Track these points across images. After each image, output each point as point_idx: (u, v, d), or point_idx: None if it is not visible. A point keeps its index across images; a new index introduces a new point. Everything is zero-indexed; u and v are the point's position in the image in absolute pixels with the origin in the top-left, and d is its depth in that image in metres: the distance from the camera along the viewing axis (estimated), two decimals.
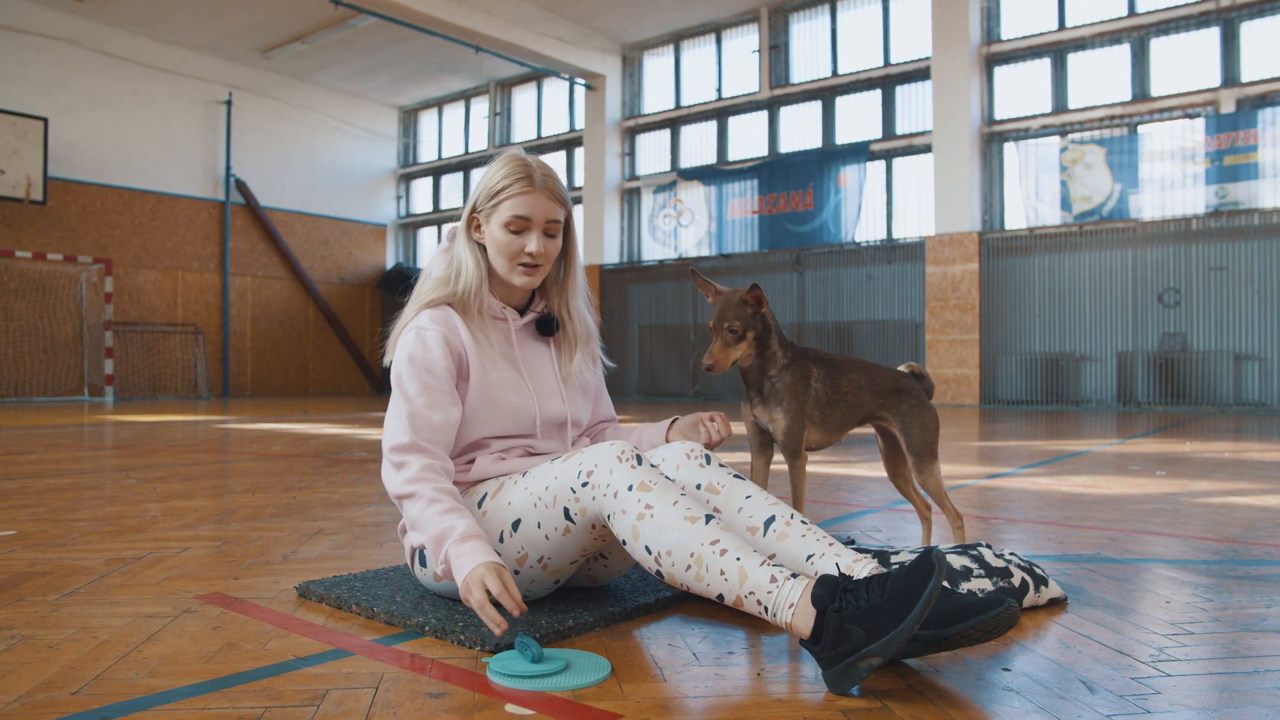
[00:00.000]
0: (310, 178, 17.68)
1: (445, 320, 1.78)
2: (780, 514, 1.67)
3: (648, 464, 1.60)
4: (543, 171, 1.80)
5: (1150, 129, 11.28)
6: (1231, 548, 2.46)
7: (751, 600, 1.42)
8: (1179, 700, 1.32)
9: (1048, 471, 4.38)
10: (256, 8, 13.92)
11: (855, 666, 1.32)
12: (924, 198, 12.88)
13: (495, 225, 1.79)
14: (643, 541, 1.52)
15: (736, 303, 2.07)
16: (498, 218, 1.78)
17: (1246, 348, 10.58)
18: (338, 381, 18.12)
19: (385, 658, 1.51)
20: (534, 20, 14.09)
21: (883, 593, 1.33)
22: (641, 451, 1.74)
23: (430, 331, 1.75)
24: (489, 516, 1.70)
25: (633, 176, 15.94)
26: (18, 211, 13.71)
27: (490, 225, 1.80)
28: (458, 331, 1.78)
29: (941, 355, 12.11)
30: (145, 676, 1.41)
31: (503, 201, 1.77)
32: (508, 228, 1.78)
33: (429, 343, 1.74)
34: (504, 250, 1.79)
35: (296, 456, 5.07)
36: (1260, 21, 10.78)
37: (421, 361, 1.73)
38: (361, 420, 8.80)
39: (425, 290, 1.84)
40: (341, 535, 2.63)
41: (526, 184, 1.77)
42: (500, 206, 1.78)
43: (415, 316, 1.80)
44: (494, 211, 1.79)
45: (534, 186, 1.77)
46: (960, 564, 1.79)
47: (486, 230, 1.81)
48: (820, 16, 13.83)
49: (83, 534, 2.63)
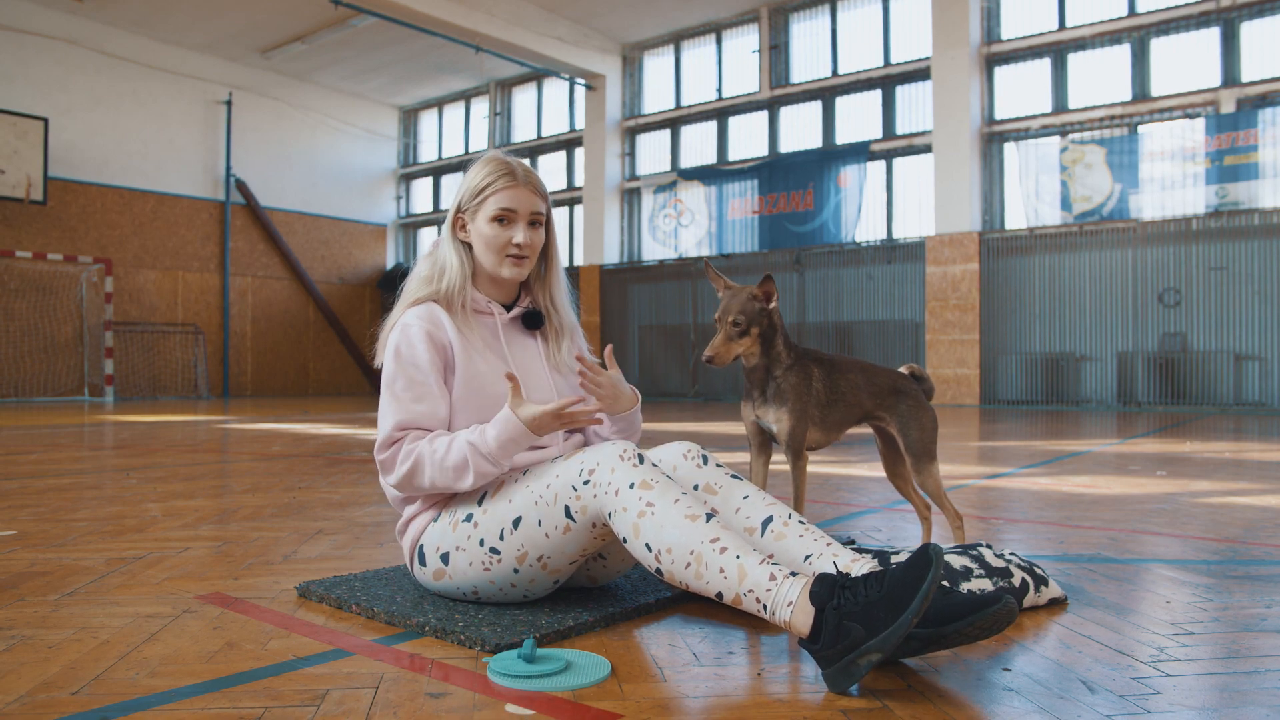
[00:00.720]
0: (310, 178, 17.68)
1: (430, 316, 1.82)
2: (778, 514, 1.67)
3: (649, 463, 1.61)
4: (523, 168, 1.88)
5: (1150, 129, 11.28)
6: (1232, 548, 2.46)
7: (750, 598, 1.42)
8: (1179, 700, 1.32)
9: (1048, 471, 4.38)
10: (256, 8, 13.92)
11: (855, 664, 1.32)
12: (924, 198, 12.88)
13: (482, 220, 1.85)
14: (643, 539, 1.52)
15: (746, 297, 2.08)
16: (484, 213, 1.84)
17: (1247, 348, 10.58)
18: (338, 381, 18.12)
19: (385, 658, 1.51)
20: (534, 20, 14.09)
21: (880, 588, 1.33)
22: (643, 451, 1.75)
23: (414, 328, 1.79)
24: (489, 514, 1.70)
25: (633, 176, 15.94)
26: (18, 211, 13.71)
27: (476, 221, 1.86)
28: (443, 326, 1.81)
29: (942, 355, 12.10)
30: (145, 676, 1.41)
31: (488, 197, 1.84)
32: (495, 221, 1.84)
33: (413, 338, 1.78)
34: (492, 244, 1.85)
35: (296, 456, 5.07)
36: (1260, 21, 10.78)
37: (407, 357, 1.78)
38: (362, 420, 8.81)
39: (410, 290, 1.90)
40: (341, 535, 2.63)
41: (510, 179, 1.84)
42: (486, 202, 1.84)
43: (401, 315, 1.85)
44: (480, 208, 1.85)
45: (517, 181, 1.85)
46: (960, 564, 1.79)
47: (473, 227, 1.87)
48: (820, 16, 13.83)
49: (83, 534, 2.63)
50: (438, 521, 1.77)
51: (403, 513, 1.86)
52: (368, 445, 5.86)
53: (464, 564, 1.72)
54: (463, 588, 1.75)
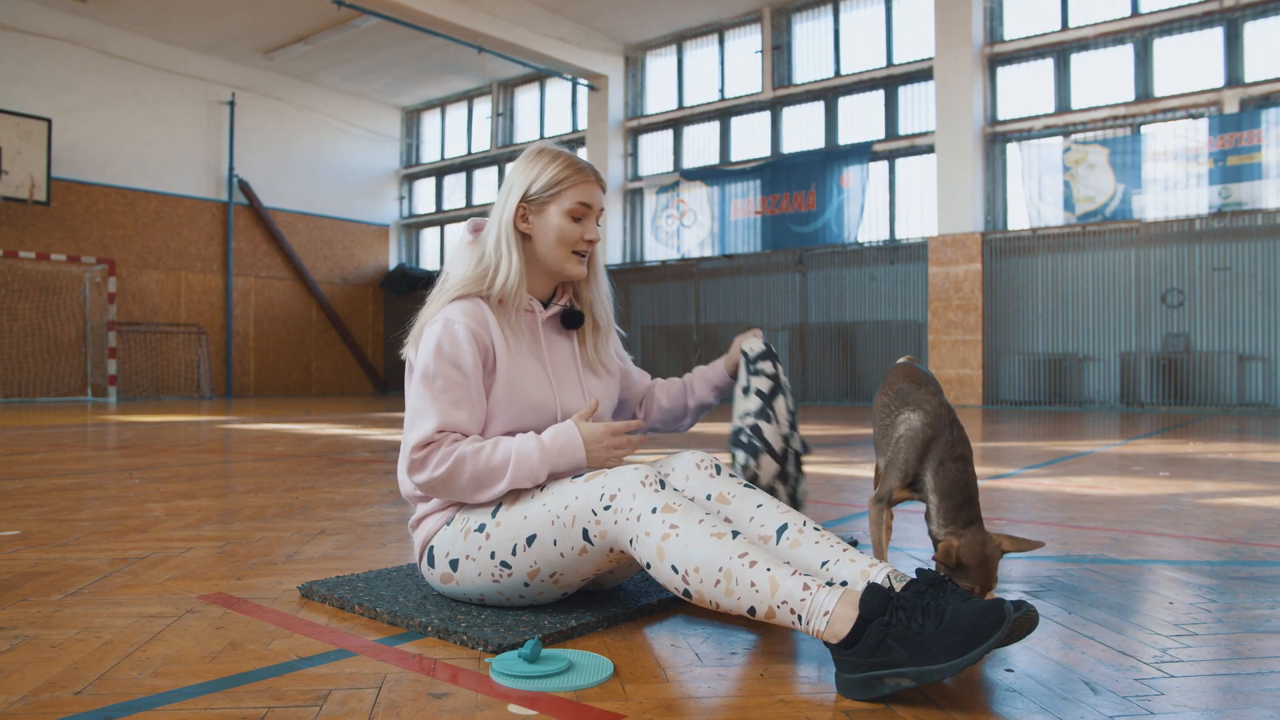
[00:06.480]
0: (313, 178, 17.69)
1: (475, 314, 1.76)
2: (792, 521, 1.66)
3: (670, 488, 1.59)
4: (591, 165, 1.86)
5: (1153, 129, 11.27)
6: (1235, 549, 2.46)
7: (784, 610, 1.39)
8: (1182, 701, 1.32)
9: (1051, 472, 4.38)
10: (259, 8, 13.93)
11: (882, 680, 1.30)
12: (927, 198, 12.87)
13: (555, 214, 1.80)
14: (669, 561, 1.50)
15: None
16: (558, 206, 1.80)
17: (1250, 348, 10.56)
18: (340, 382, 18.14)
19: (388, 658, 1.51)
20: (536, 21, 14.10)
21: (939, 624, 1.30)
22: (664, 475, 1.76)
23: (459, 324, 1.72)
24: (503, 527, 1.68)
25: (635, 177, 15.94)
26: (21, 212, 13.74)
27: (547, 214, 1.81)
28: (487, 325, 1.76)
29: (944, 356, 12.09)
30: (148, 676, 1.41)
31: (565, 190, 1.80)
32: (570, 215, 1.80)
33: (458, 336, 1.71)
34: (564, 238, 1.81)
35: (299, 457, 5.07)
36: (1264, 22, 10.77)
37: (450, 355, 1.71)
38: (364, 421, 8.81)
39: (455, 284, 1.81)
40: (344, 535, 2.64)
41: (585, 174, 1.82)
42: (563, 195, 1.80)
43: (444, 308, 1.77)
44: (553, 200, 1.80)
45: (590, 177, 1.83)
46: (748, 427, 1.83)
47: (539, 220, 1.81)
48: (823, 17, 13.82)
49: (86, 534, 2.63)
50: (450, 525, 1.76)
51: (415, 509, 1.84)
52: (371, 446, 5.86)
53: (473, 573, 1.71)
54: (469, 594, 1.75)
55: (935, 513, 1.74)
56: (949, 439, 1.81)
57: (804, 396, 13.66)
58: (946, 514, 1.72)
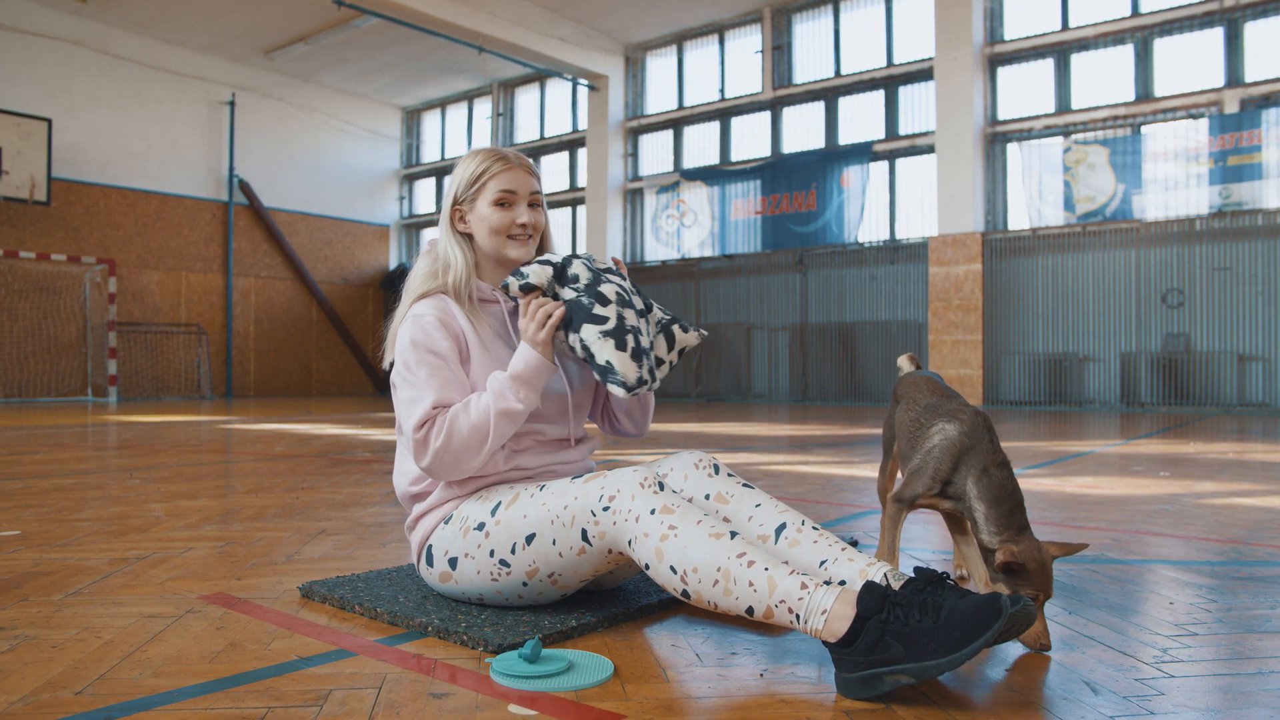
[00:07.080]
0: (313, 178, 17.70)
1: (440, 306, 1.81)
2: (791, 521, 1.67)
3: (669, 490, 1.60)
4: (513, 152, 1.90)
5: (1154, 129, 11.26)
6: (1235, 549, 2.46)
7: (783, 609, 1.40)
8: (1182, 701, 1.32)
9: (1051, 472, 4.38)
10: (260, 9, 13.94)
11: (881, 679, 1.31)
12: (927, 198, 12.87)
13: (483, 206, 1.85)
14: (667, 562, 1.51)
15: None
16: (484, 198, 1.85)
17: (1250, 348, 10.56)
18: (341, 382, 18.14)
19: (388, 658, 1.51)
20: (537, 21, 14.10)
21: (936, 619, 1.31)
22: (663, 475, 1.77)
23: (427, 317, 1.78)
24: (501, 525, 1.69)
25: (636, 177, 15.94)
26: (22, 212, 13.74)
27: (477, 208, 1.86)
28: (454, 315, 1.81)
29: (945, 356, 12.09)
30: (149, 676, 1.41)
31: (486, 182, 1.85)
32: (497, 204, 1.85)
33: (428, 327, 1.77)
34: (497, 227, 1.85)
35: (300, 457, 5.08)
36: (1264, 22, 10.76)
37: (424, 344, 1.76)
38: (365, 421, 8.81)
39: (414, 286, 1.89)
40: (345, 536, 2.64)
41: (505, 162, 1.86)
42: (485, 187, 1.85)
43: (410, 307, 1.84)
44: (479, 195, 1.86)
45: (512, 164, 1.87)
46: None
47: (473, 216, 1.87)
48: (823, 17, 13.83)
49: (86, 534, 2.63)
50: (448, 524, 1.76)
51: (411, 510, 1.85)
52: (371, 446, 5.87)
53: (471, 571, 1.72)
54: (468, 593, 1.75)
55: (984, 521, 1.67)
56: (989, 446, 1.78)
57: (804, 396, 13.67)
58: (998, 521, 1.66)
